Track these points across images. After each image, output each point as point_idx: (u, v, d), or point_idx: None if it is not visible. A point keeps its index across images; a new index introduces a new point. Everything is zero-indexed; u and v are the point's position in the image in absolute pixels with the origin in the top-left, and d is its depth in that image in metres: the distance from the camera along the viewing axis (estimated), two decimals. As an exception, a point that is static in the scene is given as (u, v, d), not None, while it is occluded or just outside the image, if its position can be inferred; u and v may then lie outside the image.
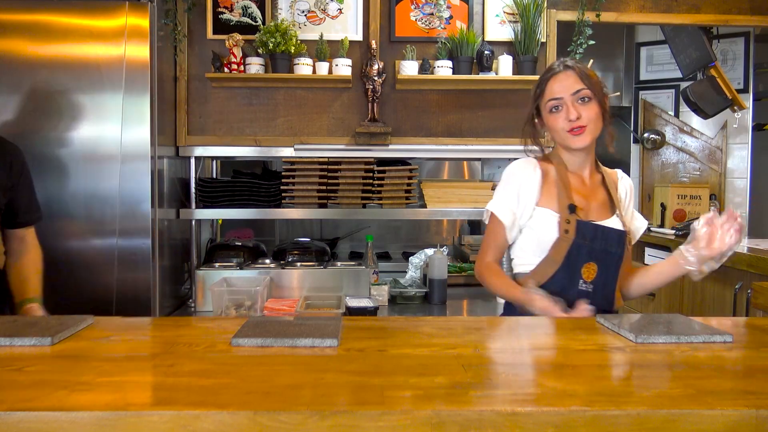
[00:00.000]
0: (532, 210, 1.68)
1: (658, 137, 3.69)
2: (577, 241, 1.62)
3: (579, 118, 1.62)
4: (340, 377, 0.93)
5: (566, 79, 1.64)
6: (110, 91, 2.28)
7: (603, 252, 1.63)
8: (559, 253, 1.63)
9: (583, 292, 1.63)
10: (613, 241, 1.64)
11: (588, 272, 1.63)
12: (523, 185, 1.69)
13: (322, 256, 2.87)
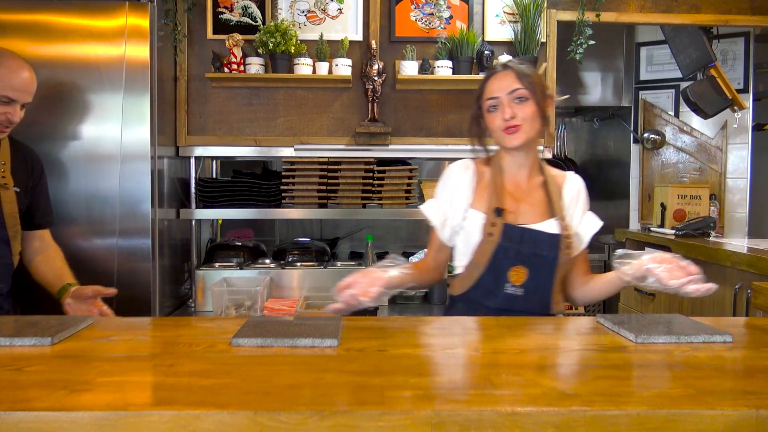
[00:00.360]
0: (465, 212, 1.66)
1: (658, 137, 3.69)
2: (503, 244, 1.60)
3: (513, 118, 1.60)
4: (340, 377, 0.93)
5: (503, 79, 1.62)
6: (110, 91, 2.28)
7: (533, 255, 1.61)
8: (483, 256, 1.61)
9: (511, 297, 1.61)
10: (543, 244, 1.61)
11: (516, 276, 1.61)
12: (455, 187, 1.69)
13: (322, 256, 2.87)
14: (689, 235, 3.14)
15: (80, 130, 2.29)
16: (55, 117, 2.28)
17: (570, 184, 1.73)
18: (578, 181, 1.75)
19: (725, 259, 2.59)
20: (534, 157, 1.70)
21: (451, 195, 1.69)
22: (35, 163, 1.96)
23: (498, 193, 1.65)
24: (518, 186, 1.69)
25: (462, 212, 1.67)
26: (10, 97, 1.76)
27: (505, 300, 1.61)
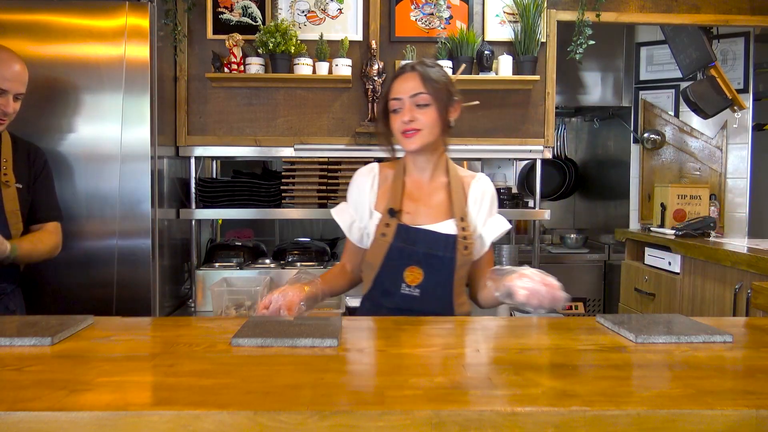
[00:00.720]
0: (370, 214, 1.68)
1: (658, 137, 3.69)
2: (396, 245, 1.61)
3: (412, 122, 1.59)
4: (340, 377, 0.93)
5: (408, 81, 1.62)
6: (110, 91, 2.28)
7: (428, 256, 1.60)
8: (376, 257, 1.62)
9: (407, 297, 1.61)
10: (439, 245, 1.61)
11: (412, 276, 1.61)
12: (359, 190, 1.71)
13: (322, 256, 2.87)
14: (689, 235, 3.14)
15: (80, 130, 2.29)
16: (55, 117, 2.28)
17: (476, 186, 1.71)
18: (485, 182, 1.74)
19: (725, 259, 2.59)
20: (438, 158, 1.70)
21: (356, 198, 1.72)
22: (36, 158, 1.95)
23: (396, 195, 1.66)
24: (419, 187, 1.69)
25: (367, 214, 1.68)
26: (2, 87, 1.77)
27: (403, 300, 1.61)
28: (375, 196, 1.69)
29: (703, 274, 2.81)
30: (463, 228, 1.63)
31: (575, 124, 4.44)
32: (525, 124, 2.91)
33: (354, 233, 1.71)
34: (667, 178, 3.72)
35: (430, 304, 1.62)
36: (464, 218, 1.65)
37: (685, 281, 2.94)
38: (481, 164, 4.03)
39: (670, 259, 3.06)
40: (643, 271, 3.29)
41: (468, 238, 1.63)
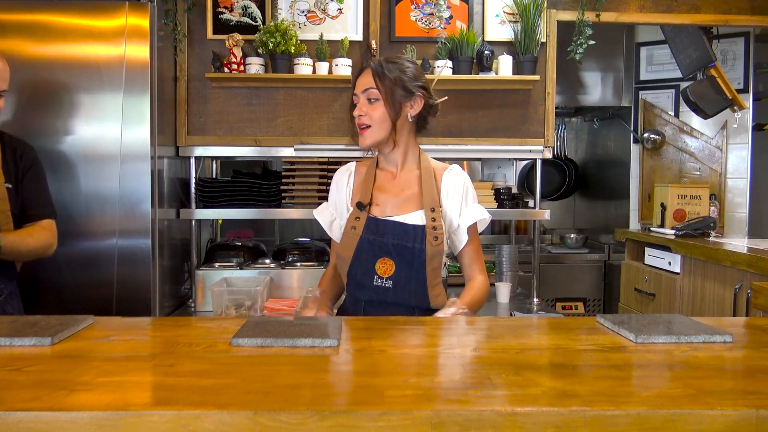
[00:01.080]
0: (348, 209, 1.72)
1: (658, 137, 3.69)
2: (367, 237, 1.63)
3: (362, 116, 1.65)
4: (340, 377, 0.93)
5: (363, 78, 1.67)
6: (110, 91, 2.28)
7: (398, 247, 1.63)
8: (347, 250, 1.66)
9: (380, 289, 1.63)
10: (408, 236, 1.63)
11: (384, 268, 1.63)
12: (336, 188, 1.78)
13: (322, 256, 2.87)
14: (689, 235, 3.14)
15: (80, 130, 2.29)
16: (55, 117, 2.28)
17: (448, 177, 1.73)
18: (457, 173, 1.75)
19: (725, 259, 2.59)
20: (405, 151, 1.73)
21: (335, 196, 1.77)
22: (24, 154, 1.91)
23: (366, 189, 1.70)
24: (390, 180, 1.73)
25: (345, 211, 1.73)
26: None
27: (376, 292, 1.64)
28: (351, 192, 1.74)
29: (703, 274, 2.81)
30: (433, 219, 1.64)
31: (575, 124, 4.44)
32: (525, 124, 2.91)
33: (335, 231, 1.75)
34: (667, 178, 3.72)
35: (403, 295, 1.63)
36: (435, 209, 1.66)
37: (685, 281, 2.94)
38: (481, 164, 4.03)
39: (670, 259, 3.06)
40: (643, 271, 3.29)
41: (438, 229, 1.64)
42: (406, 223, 1.64)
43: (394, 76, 1.65)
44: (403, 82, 1.66)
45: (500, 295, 2.79)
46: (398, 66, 1.68)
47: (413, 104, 1.69)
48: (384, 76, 1.64)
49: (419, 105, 1.70)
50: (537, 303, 2.84)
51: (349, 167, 1.80)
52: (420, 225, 1.63)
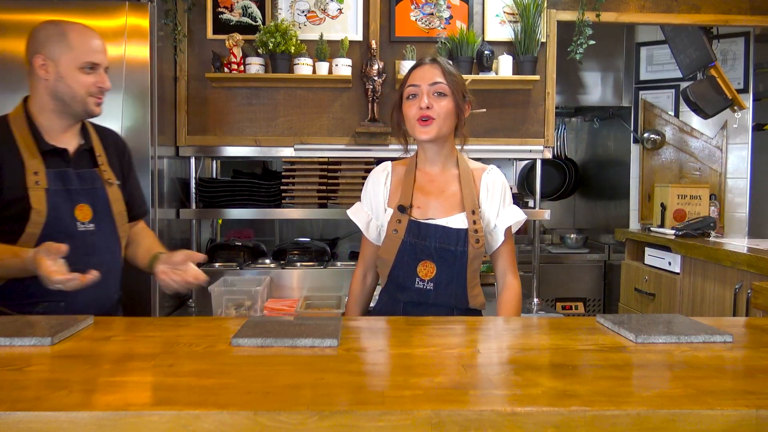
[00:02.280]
0: (384, 212, 1.71)
1: (658, 137, 3.69)
2: (409, 240, 1.63)
3: (429, 108, 1.61)
4: (340, 377, 0.93)
5: (428, 71, 1.65)
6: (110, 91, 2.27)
7: (441, 250, 1.63)
8: (389, 253, 1.65)
9: (422, 291, 1.64)
10: (450, 239, 1.63)
11: (425, 270, 1.64)
12: (373, 188, 1.75)
13: (322, 256, 2.87)
14: (689, 235, 3.14)
15: (80, 130, 2.28)
16: (55, 117, 2.27)
17: (487, 178, 1.73)
18: (496, 173, 1.76)
19: (725, 259, 2.59)
20: (448, 151, 1.72)
21: (371, 196, 1.75)
22: (124, 148, 1.81)
23: (407, 190, 1.68)
24: (430, 181, 1.71)
25: (382, 212, 1.72)
26: (94, 61, 1.62)
27: (417, 294, 1.64)
28: (388, 192, 1.72)
29: (703, 274, 2.81)
30: (474, 221, 1.65)
31: (575, 124, 4.44)
32: (525, 124, 2.91)
33: (372, 232, 1.74)
34: (667, 178, 3.72)
35: (444, 296, 1.64)
36: (475, 211, 1.66)
37: (685, 281, 2.94)
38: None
39: (670, 259, 3.06)
40: (643, 271, 3.30)
41: (479, 231, 1.65)
42: (448, 227, 1.64)
43: (458, 76, 1.67)
44: (463, 85, 1.68)
45: (500, 295, 2.79)
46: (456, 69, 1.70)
47: (466, 107, 1.70)
48: (452, 73, 1.64)
49: (468, 111, 1.72)
50: (537, 303, 2.84)
51: (386, 167, 1.76)
52: (463, 229, 1.64)
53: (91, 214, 1.64)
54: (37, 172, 1.58)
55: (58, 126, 1.64)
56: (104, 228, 1.67)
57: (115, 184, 1.70)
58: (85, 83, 1.60)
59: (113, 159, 1.74)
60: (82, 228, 1.62)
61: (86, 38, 1.62)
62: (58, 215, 1.59)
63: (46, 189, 1.57)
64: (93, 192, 1.65)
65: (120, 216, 1.70)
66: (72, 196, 1.61)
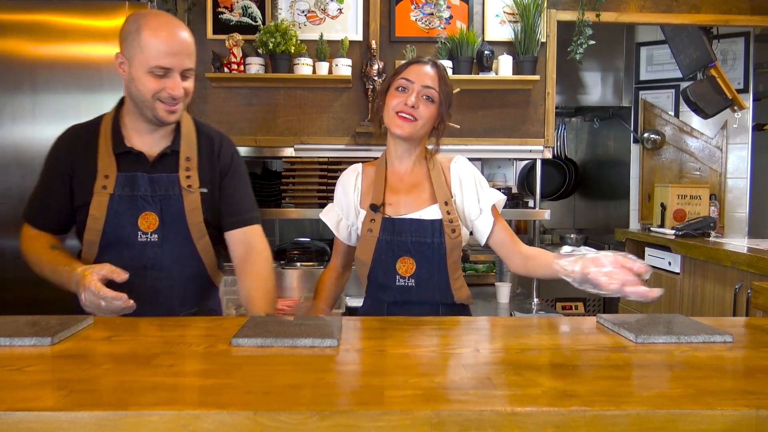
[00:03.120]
0: (357, 212, 1.69)
1: (658, 137, 3.69)
2: (384, 238, 1.61)
3: (414, 108, 1.58)
4: (340, 377, 0.93)
5: (426, 71, 1.62)
6: (110, 91, 2.28)
7: (417, 244, 1.61)
8: (366, 254, 1.63)
9: (404, 288, 1.61)
10: (426, 231, 1.61)
11: (405, 267, 1.61)
12: (343, 189, 1.72)
13: (322, 256, 2.87)
14: (689, 235, 3.14)
15: (80, 130, 2.28)
16: (55, 117, 2.28)
17: (455, 167, 1.71)
18: (463, 161, 1.72)
19: (725, 259, 2.59)
20: (420, 151, 1.70)
21: (341, 198, 1.73)
22: (221, 150, 1.63)
23: (378, 189, 1.67)
24: (401, 178, 1.70)
25: (353, 213, 1.70)
26: (163, 65, 1.44)
27: (399, 293, 1.62)
28: (359, 194, 1.70)
29: (703, 274, 2.81)
30: (448, 212, 1.63)
31: (575, 124, 4.44)
32: (525, 124, 2.91)
33: (342, 231, 1.73)
34: (667, 178, 3.72)
35: (427, 292, 1.62)
36: (448, 202, 1.64)
37: (685, 281, 2.94)
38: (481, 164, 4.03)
39: (670, 259, 3.06)
40: (643, 271, 3.29)
41: (454, 222, 1.62)
42: (422, 219, 1.63)
43: (450, 88, 1.65)
44: (451, 97, 1.66)
45: (500, 295, 2.79)
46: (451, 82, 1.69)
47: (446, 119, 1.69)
48: (446, 84, 1.63)
49: (446, 122, 1.70)
50: (537, 303, 2.84)
51: (356, 168, 1.75)
52: (437, 219, 1.62)
53: (157, 223, 1.51)
54: (107, 175, 1.49)
55: (141, 127, 1.54)
56: (172, 239, 1.52)
57: (197, 191, 1.54)
58: (154, 88, 1.45)
59: (204, 163, 1.58)
60: (143, 238, 1.50)
61: (159, 39, 1.43)
62: (119, 223, 1.49)
63: (111, 194, 1.48)
64: (165, 199, 1.52)
65: (195, 227, 1.54)
66: (138, 203, 1.50)
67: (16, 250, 1.61)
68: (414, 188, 1.68)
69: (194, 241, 1.55)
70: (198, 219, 1.54)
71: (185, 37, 1.48)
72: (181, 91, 1.48)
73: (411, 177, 1.70)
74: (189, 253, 1.55)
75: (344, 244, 1.75)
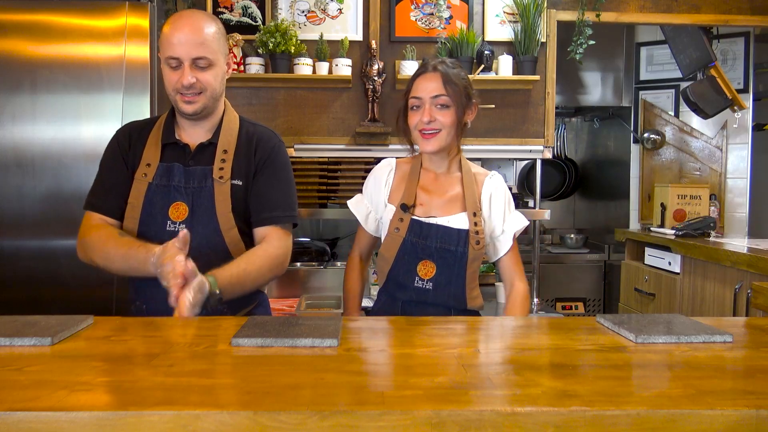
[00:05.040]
0: (384, 207, 1.72)
1: (658, 137, 3.69)
2: (410, 239, 1.64)
3: (432, 122, 1.61)
4: (340, 377, 0.93)
5: (430, 81, 1.63)
6: (110, 91, 2.28)
7: (441, 250, 1.63)
8: (389, 251, 1.65)
9: (421, 290, 1.64)
10: (451, 239, 1.63)
11: (425, 270, 1.63)
12: (375, 183, 1.75)
13: (322, 256, 2.87)
14: (689, 235, 3.14)
15: (80, 130, 2.29)
16: (54, 117, 2.28)
17: (489, 183, 1.74)
18: (498, 179, 1.76)
19: (725, 259, 2.59)
20: (453, 156, 1.73)
21: (372, 191, 1.76)
22: (259, 146, 1.61)
23: (410, 188, 1.69)
24: (434, 180, 1.72)
25: (382, 207, 1.73)
26: (172, 55, 1.48)
27: (416, 293, 1.64)
28: (389, 189, 1.73)
29: (703, 274, 2.81)
30: (476, 223, 1.65)
31: (575, 124, 4.44)
32: (525, 124, 2.92)
33: (370, 224, 1.76)
34: (667, 178, 3.72)
35: (442, 297, 1.65)
36: (477, 213, 1.67)
37: (685, 281, 2.94)
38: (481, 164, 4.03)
39: (670, 259, 3.06)
40: (643, 271, 3.29)
41: (480, 233, 1.65)
42: (450, 227, 1.64)
43: (460, 83, 1.64)
44: (466, 89, 1.66)
45: (500, 295, 2.80)
46: (459, 72, 1.67)
47: (471, 111, 1.70)
48: (453, 82, 1.62)
49: (475, 111, 1.71)
50: (537, 303, 2.84)
51: (390, 163, 1.77)
52: (464, 229, 1.64)
53: (187, 213, 1.52)
54: (150, 164, 1.54)
55: (183, 121, 1.61)
56: (200, 230, 1.51)
57: (228, 182, 1.53)
58: (171, 80, 1.52)
59: (241, 157, 1.58)
60: (171, 228, 1.51)
61: (174, 30, 1.47)
62: (152, 212, 1.53)
63: (150, 183, 1.52)
64: (198, 190, 1.53)
65: (223, 216, 1.52)
66: (171, 193, 1.53)
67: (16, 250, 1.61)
68: (446, 193, 1.71)
69: (222, 233, 1.53)
70: (226, 209, 1.53)
71: (198, 27, 1.48)
72: (190, 81, 1.49)
73: (444, 180, 1.72)
74: (217, 245, 1.53)
75: (370, 235, 1.78)
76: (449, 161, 1.72)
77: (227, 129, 1.61)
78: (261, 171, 1.60)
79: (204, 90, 1.52)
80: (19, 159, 2.29)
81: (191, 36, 1.47)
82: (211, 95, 1.54)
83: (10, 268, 2.21)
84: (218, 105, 1.61)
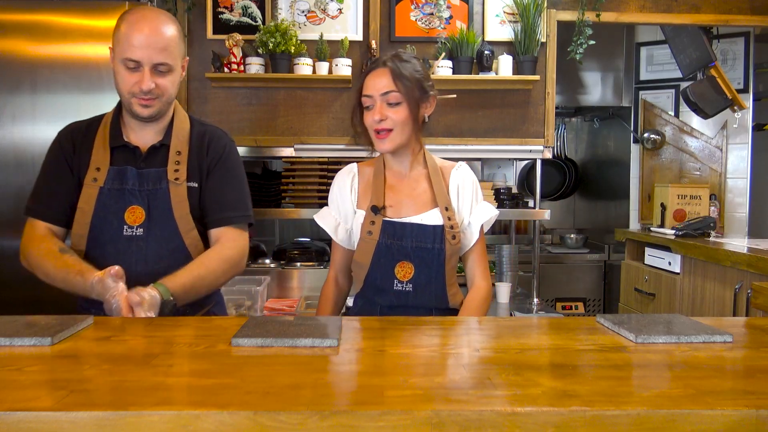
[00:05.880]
0: (354, 213, 1.66)
1: (658, 137, 3.69)
2: (384, 241, 1.58)
3: (383, 120, 1.56)
4: (340, 377, 0.93)
5: (380, 78, 1.58)
6: (110, 91, 2.27)
7: (418, 249, 1.58)
8: (364, 256, 1.60)
9: (401, 293, 1.58)
10: (427, 237, 1.58)
11: (403, 272, 1.58)
12: (339, 191, 1.69)
13: (322, 256, 2.87)
14: (689, 235, 3.14)
15: (80, 130, 2.28)
16: (54, 117, 2.28)
17: (456, 174, 1.69)
18: (465, 170, 1.71)
19: (725, 259, 2.59)
20: (415, 152, 1.67)
21: (337, 199, 1.69)
22: (210, 145, 1.60)
23: (378, 191, 1.64)
24: (400, 179, 1.67)
25: (351, 214, 1.66)
26: (132, 58, 1.43)
27: (396, 297, 1.59)
28: (356, 194, 1.67)
29: (703, 274, 2.81)
30: (449, 217, 1.61)
31: (575, 124, 4.44)
32: (525, 124, 2.92)
33: (341, 235, 1.69)
34: (667, 178, 3.72)
35: (423, 297, 1.60)
36: (449, 207, 1.62)
37: (685, 281, 2.94)
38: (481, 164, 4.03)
39: (670, 259, 3.06)
40: (643, 271, 3.29)
41: (455, 227, 1.60)
42: (424, 224, 1.59)
43: (412, 77, 1.58)
44: (420, 83, 1.60)
45: (500, 295, 2.80)
46: (412, 65, 1.62)
47: (428, 104, 1.64)
48: (404, 77, 1.57)
49: (433, 105, 1.65)
50: (537, 303, 2.84)
51: (351, 169, 1.72)
52: (439, 225, 1.59)
53: (144, 217, 1.49)
54: (99, 168, 1.50)
55: (133, 122, 1.56)
56: (158, 234, 1.50)
57: (184, 184, 1.52)
58: (127, 82, 1.47)
59: (193, 158, 1.57)
60: (129, 233, 1.49)
61: (131, 31, 1.43)
62: (105, 216, 1.49)
63: (101, 187, 1.49)
64: (153, 193, 1.50)
65: (182, 219, 1.51)
66: (125, 197, 1.50)
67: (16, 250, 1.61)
68: (414, 191, 1.66)
69: (182, 236, 1.52)
70: (185, 212, 1.52)
71: (160, 31, 1.45)
72: (150, 86, 1.46)
73: (411, 178, 1.67)
74: (176, 247, 1.52)
75: (344, 248, 1.71)
76: (412, 158, 1.66)
77: (178, 130, 1.58)
78: (213, 171, 1.59)
79: (161, 95, 1.50)
80: (18, 159, 2.29)
81: (153, 39, 1.44)
82: (167, 100, 1.53)
83: (10, 268, 2.21)
84: (170, 107, 1.59)
